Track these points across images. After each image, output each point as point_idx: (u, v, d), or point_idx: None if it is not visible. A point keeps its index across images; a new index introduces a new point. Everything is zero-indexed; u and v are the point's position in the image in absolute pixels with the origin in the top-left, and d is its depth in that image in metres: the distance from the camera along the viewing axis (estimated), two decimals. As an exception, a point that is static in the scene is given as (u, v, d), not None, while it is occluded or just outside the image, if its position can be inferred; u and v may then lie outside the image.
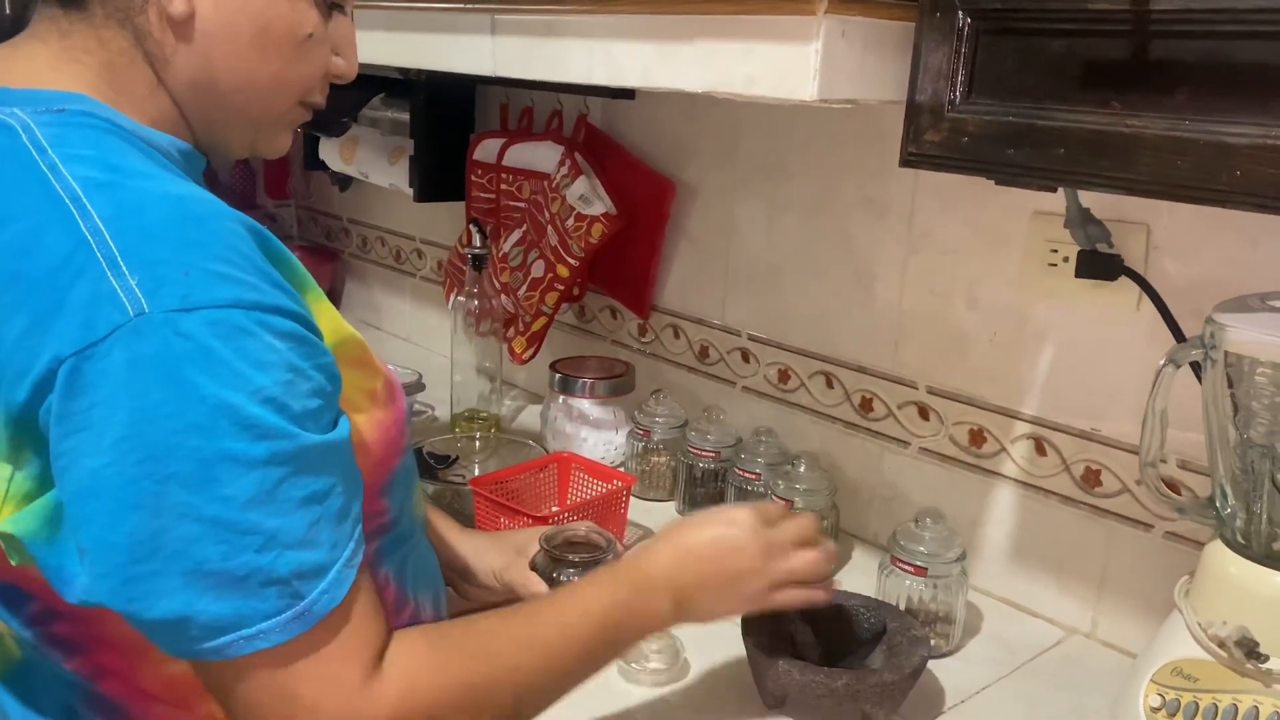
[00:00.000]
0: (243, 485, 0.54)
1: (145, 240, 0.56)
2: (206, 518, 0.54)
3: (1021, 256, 1.05)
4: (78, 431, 0.53)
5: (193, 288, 0.55)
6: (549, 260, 1.45)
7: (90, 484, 0.54)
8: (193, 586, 0.54)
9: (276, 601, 0.56)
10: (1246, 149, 0.58)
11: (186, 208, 0.58)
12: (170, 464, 0.53)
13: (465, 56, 1.02)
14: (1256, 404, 0.77)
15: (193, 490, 0.54)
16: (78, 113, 0.62)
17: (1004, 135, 0.69)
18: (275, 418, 0.55)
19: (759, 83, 0.75)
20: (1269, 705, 0.73)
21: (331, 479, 0.59)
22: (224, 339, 0.55)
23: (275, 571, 0.55)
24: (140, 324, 0.53)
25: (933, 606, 0.98)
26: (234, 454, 0.54)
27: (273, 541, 0.55)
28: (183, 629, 0.55)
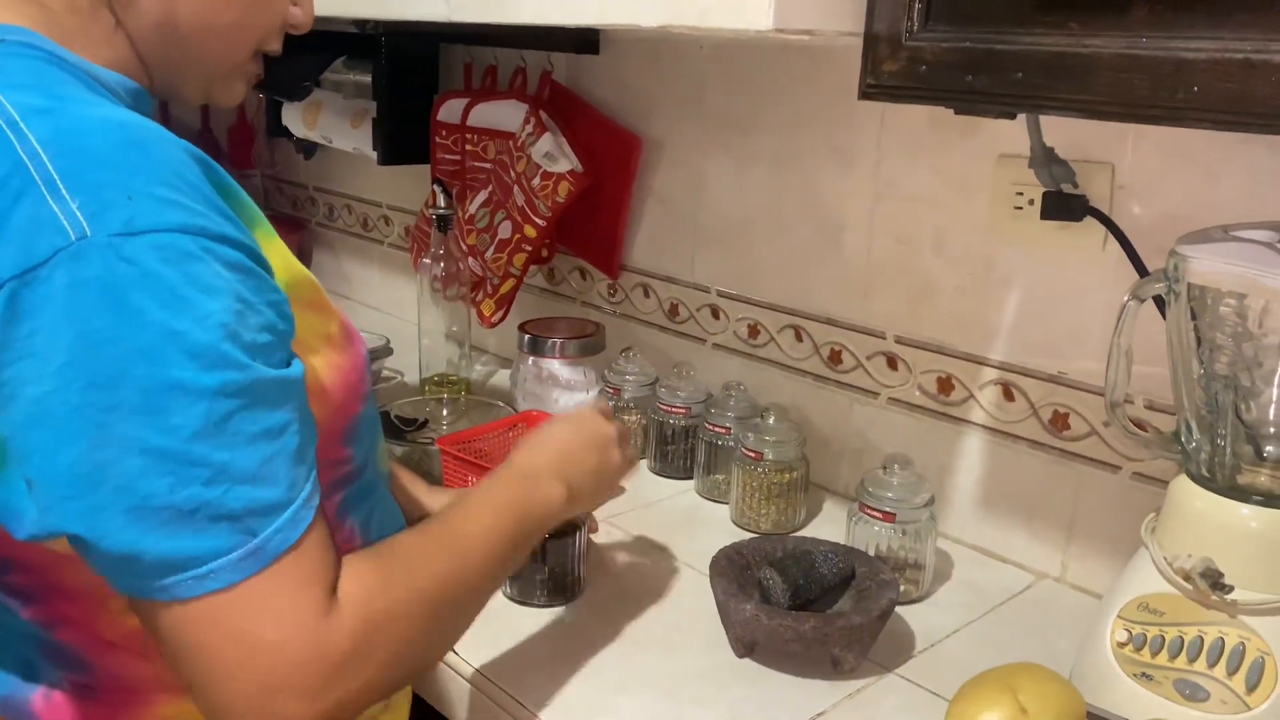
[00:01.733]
0: (191, 416, 0.52)
1: (86, 163, 0.54)
2: (153, 449, 0.52)
3: (988, 201, 1.04)
4: (19, 360, 0.52)
5: (137, 211, 0.53)
6: (516, 221, 1.43)
7: (33, 413, 0.52)
8: (140, 522, 0.52)
9: (229, 538, 0.54)
10: (1203, 64, 0.57)
11: (129, 132, 0.56)
12: (116, 392, 0.51)
13: (420, 4, 1.00)
14: (1219, 335, 0.77)
15: (139, 420, 0.52)
16: (16, 44, 0.61)
17: (962, 62, 0.68)
18: (226, 345, 0.54)
19: (713, 14, 0.74)
20: (1234, 636, 0.73)
21: (287, 416, 0.57)
22: (170, 263, 0.53)
23: (225, 506, 0.53)
24: (82, 247, 0.51)
25: (902, 553, 0.98)
26: (182, 383, 0.52)
27: (222, 475, 0.53)
28: (133, 566, 0.53)
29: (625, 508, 1.16)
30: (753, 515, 1.11)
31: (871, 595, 0.89)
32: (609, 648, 0.90)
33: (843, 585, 0.92)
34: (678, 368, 1.26)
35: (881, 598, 0.87)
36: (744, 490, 1.11)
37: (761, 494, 1.10)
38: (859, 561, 0.94)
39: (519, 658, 0.88)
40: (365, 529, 0.73)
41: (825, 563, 0.93)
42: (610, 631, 0.92)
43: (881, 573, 0.92)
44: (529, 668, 0.87)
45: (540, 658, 0.88)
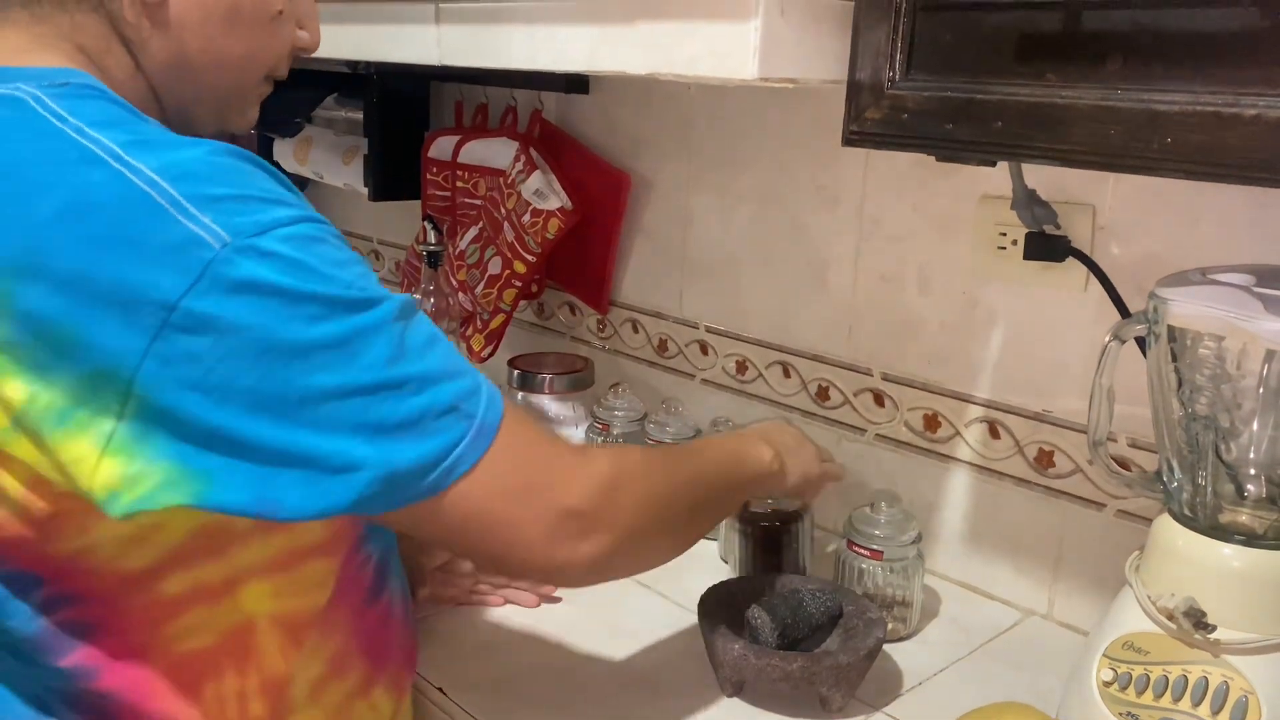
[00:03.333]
0: (378, 348, 0.59)
1: (200, 182, 0.57)
2: (364, 386, 0.58)
3: (971, 241, 1.05)
4: (218, 365, 0.55)
5: (259, 214, 0.58)
6: (506, 256, 1.44)
7: (251, 402, 0.56)
8: (382, 446, 0.58)
9: (456, 426, 0.61)
10: (1176, 115, 0.59)
11: (216, 154, 0.60)
12: (312, 357, 0.57)
13: (411, 47, 1.01)
14: (1199, 377, 0.78)
15: (340, 370, 0.57)
16: (81, 85, 0.63)
17: (943, 110, 0.70)
18: (370, 291, 0.60)
19: (701, 63, 0.75)
20: (1217, 675, 0.74)
21: (431, 323, 0.64)
22: (303, 249, 0.58)
23: (440, 404, 0.60)
24: (228, 254, 0.55)
25: (889, 590, 0.98)
26: (357, 328, 0.58)
27: (424, 382, 0.60)
28: (396, 483, 0.59)
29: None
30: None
31: (859, 634, 0.89)
32: (596, 686, 0.90)
33: (831, 624, 0.93)
34: (666, 403, 1.27)
35: (869, 636, 0.88)
36: (731, 528, 1.11)
37: (750, 531, 1.10)
38: (846, 600, 0.94)
39: (506, 696, 0.88)
40: (383, 561, 0.77)
41: (813, 601, 0.93)
42: (598, 670, 0.92)
43: (869, 611, 0.92)
44: (516, 704, 0.87)
45: (527, 694, 0.88)
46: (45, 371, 0.56)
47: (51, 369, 0.56)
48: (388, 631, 0.78)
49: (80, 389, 0.56)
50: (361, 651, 0.75)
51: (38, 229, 0.56)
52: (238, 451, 0.57)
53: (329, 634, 0.72)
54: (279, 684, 0.69)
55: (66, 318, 0.55)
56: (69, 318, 0.55)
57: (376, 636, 0.77)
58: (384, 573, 0.77)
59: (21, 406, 0.56)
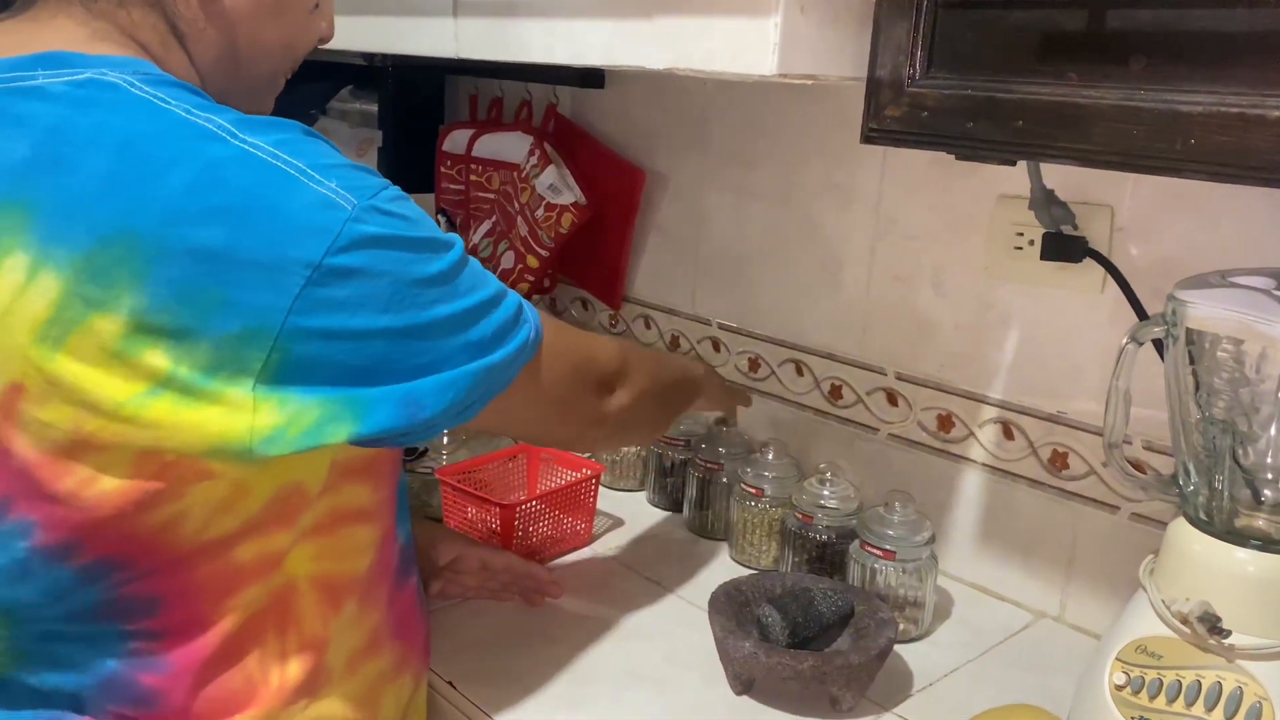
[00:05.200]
0: (466, 280, 0.67)
1: (312, 155, 0.62)
2: (467, 310, 0.67)
3: (987, 240, 1.05)
4: (359, 309, 0.61)
5: (366, 179, 0.63)
6: (519, 251, 1.44)
7: (390, 341, 0.63)
8: (484, 352, 0.68)
9: (519, 332, 0.71)
10: (1199, 116, 0.58)
11: (306, 133, 0.65)
12: (430, 290, 0.64)
13: (429, 39, 1.01)
14: (1217, 380, 0.77)
15: (450, 301, 0.66)
16: (160, 75, 0.64)
17: (963, 109, 0.69)
18: (446, 235, 0.68)
19: (719, 58, 0.75)
20: (1231, 680, 0.73)
21: None
22: (405, 207, 0.65)
23: (509, 314, 0.70)
24: (359, 213, 0.61)
25: (902, 591, 0.98)
26: (453, 262, 0.66)
27: (494, 301, 0.69)
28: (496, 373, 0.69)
29: (623, 540, 1.17)
30: (753, 551, 1.11)
31: (870, 634, 0.89)
32: (606, 682, 0.90)
33: (841, 623, 0.92)
34: None
35: (880, 636, 0.87)
36: (744, 526, 1.11)
37: (762, 530, 1.10)
38: (858, 599, 0.94)
39: (516, 690, 0.88)
40: (407, 543, 0.81)
41: (824, 600, 0.92)
42: (608, 666, 0.92)
43: (880, 611, 0.91)
44: (526, 699, 0.87)
45: (537, 688, 0.88)
46: (189, 334, 0.59)
47: (195, 332, 0.59)
48: (414, 617, 0.81)
49: (225, 348, 0.59)
50: (392, 634, 0.77)
51: (171, 200, 0.58)
52: (382, 377, 0.63)
53: (367, 607, 0.75)
54: (317, 646, 0.71)
55: (211, 282, 0.58)
56: (214, 281, 0.58)
57: (405, 620, 0.79)
58: (408, 559, 0.81)
59: (167, 373, 0.59)
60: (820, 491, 1.05)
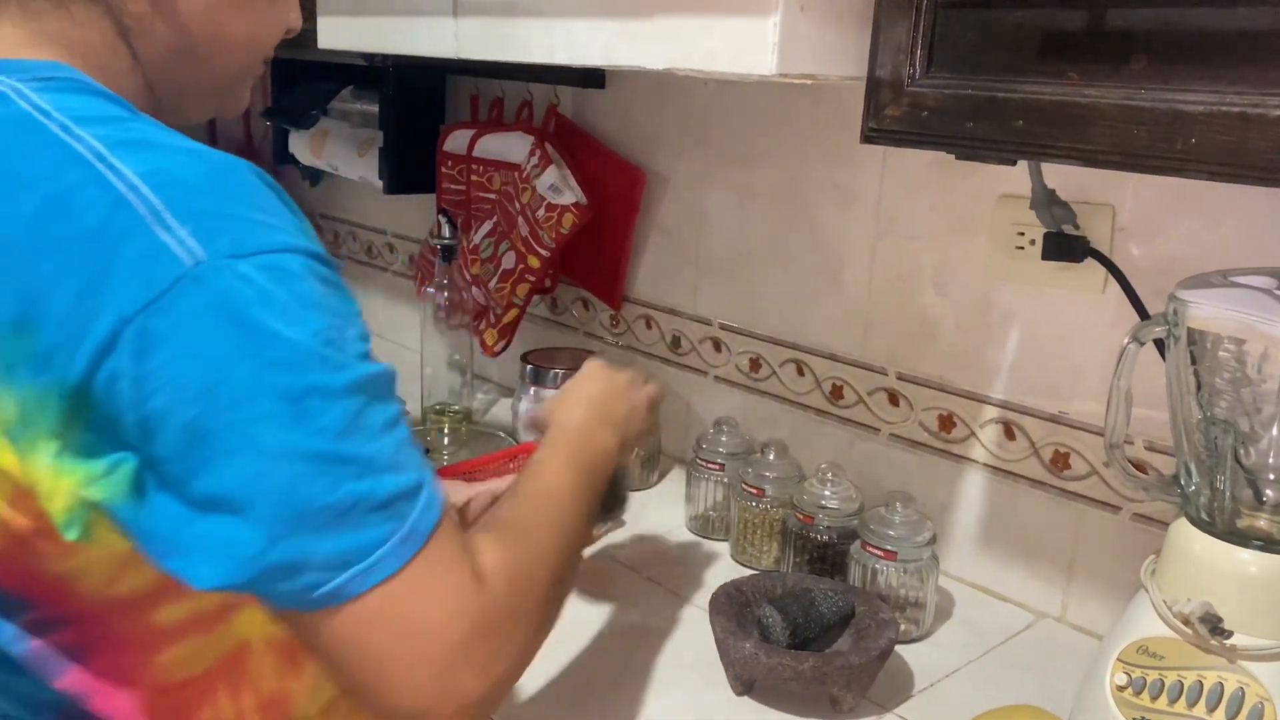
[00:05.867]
0: (333, 415, 0.54)
1: (185, 192, 0.54)
2: (306, 454, 0.53)
3: (988, 240, 1.05)
4: (160, 390, 0.52)
5: (242, 234, 0.54)
6: (520, 251, 1.44)
7: (185, 439, 0.52)
8: (304, 527, 0.53)
9: (385, 526, 0.55)
10: (1201, 116, 0.58)
11: (211, 160, 0.57)
12: (259, 404, 0.52)
13: (429, 39, 1.01)
14: (1219, 380, 0.77)
15: (287, 428, 0.52)
16: (67, 79, 0.60)
17: (964, 108, 0.69)
18: (341, 352, 0.55)
19: (719, 58, 0.74)
20: (1233, 681, 0.73)
21: (397, 406, 0.59)
22: (280, 282, 0.54)
23: (376, 496, 0.54)
24: (200, 271, 0.52)
25: (903, 591, 0.97)
26: (318, 385, 0.53)
27: (369, 467, 0.54)
28: (298, 575, 0.53)
29: (624, 540, 1.16)
30: (754, 552, 1.11)
31: (871, 634, 0.89)
32: (606, 683, 0.90)
33: (842, 624, 0.92)
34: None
35: (881, 637, 0.87)
36: (745, 526, 1.11)
37: (763, 530, 1.10)
38: (859, 600, 0.94)
39: (516, 690, 0.88)
40: None
41: (825, 601, 0.92)
42: (608, 666, 0.92)
43: (881, 611, 0.91)
44: (527, 700, 0.87)
45: (537, 689, 0.88)
46: (11, 377, 0.53)
47: (14, 376, 0.53)
48: None
49: (37, 399, 0.53)
50: None
51: (13, 228, 0.53)
52: (165, 484, 0.53)
53: None
54: (278, 701, 0.66)
55: (28, 322, 0.52)
56: (30, 322, 0.52)
57: None
58: None
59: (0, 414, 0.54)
60: (821, 492, 1.04)
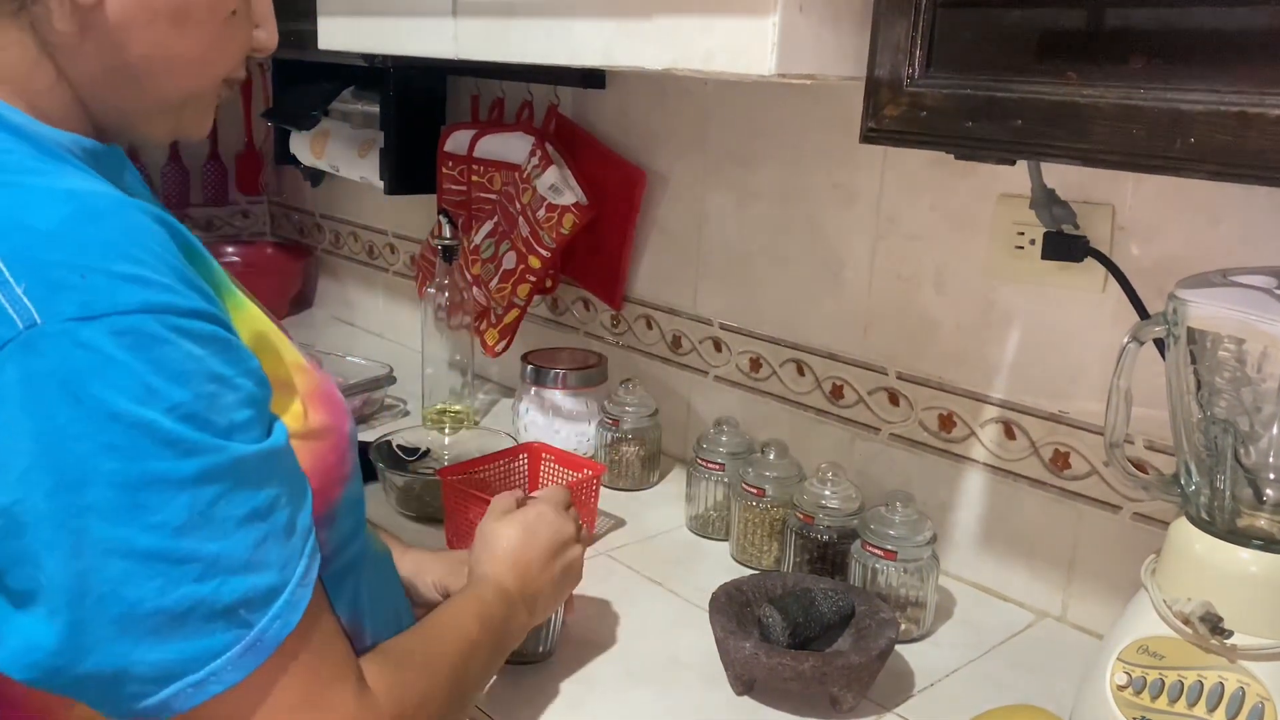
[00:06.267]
0: (174, 509, 0.48)
1: (33, 242, 0.49)
2: (136, 551, 0.48)
3: (988, 240, 1.05)
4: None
5: (93, 292, 0.48)
6: (520, 251, 1.44)
7: (4, 525, 0.47)
8: (128, 633, 0.48)
9: (224, 635, 0.50)
10: (1200, 115, 0.58)
11: (82, 202, 0.52)
12: (88, 492, 0.47)
13: (429, 40, 1.01)
14: (1219, 379, 0.77)
15: (116, 521, 0.47)
16: None
17: (962, 108, 0.69)
18: (201, 432, 0.50)
19: (718, 58, 0.75)
20: (1233, 680, 0.73)
21: (273, 490, 0.53)
22: (133, 350, 0.48)
23: (219, 601, 0.49)
24: (33, 336, 0.47)
25: (903, 591, 0.97)
26: (160, 474, 0.48)
27: (214, 568, 0.49)
28: (118, 685, 0.48)
29: (624, 541, 1.17)
30: (754, 551, 1.11)
31: (871, 634, 0.89)
32: (606, 684, 0.90)
33: (843, 623, 0.92)
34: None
35: (881, 637, 0.87)
36: (745, 527, 1.11)
37: (763, 530, 1.10)
38: (859, 599, 0.94)
39: (515, 690, 0.88)
40: (353, 611, 0.67)
41: (825, 600, 0.92)
42: (608, 667, 0.92)
43: (881, 611, 0.91)
44: (525, 699, 0.87)
45: (536, 689, 0.88)
46: None
47: None
48: None
49: None
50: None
51: None
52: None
53: None
54: None
55: None
56: None
57: None
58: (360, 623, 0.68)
59: None
60: (821, 491, 1.04)
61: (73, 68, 0.60)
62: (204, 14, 0.62)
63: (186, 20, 0.61)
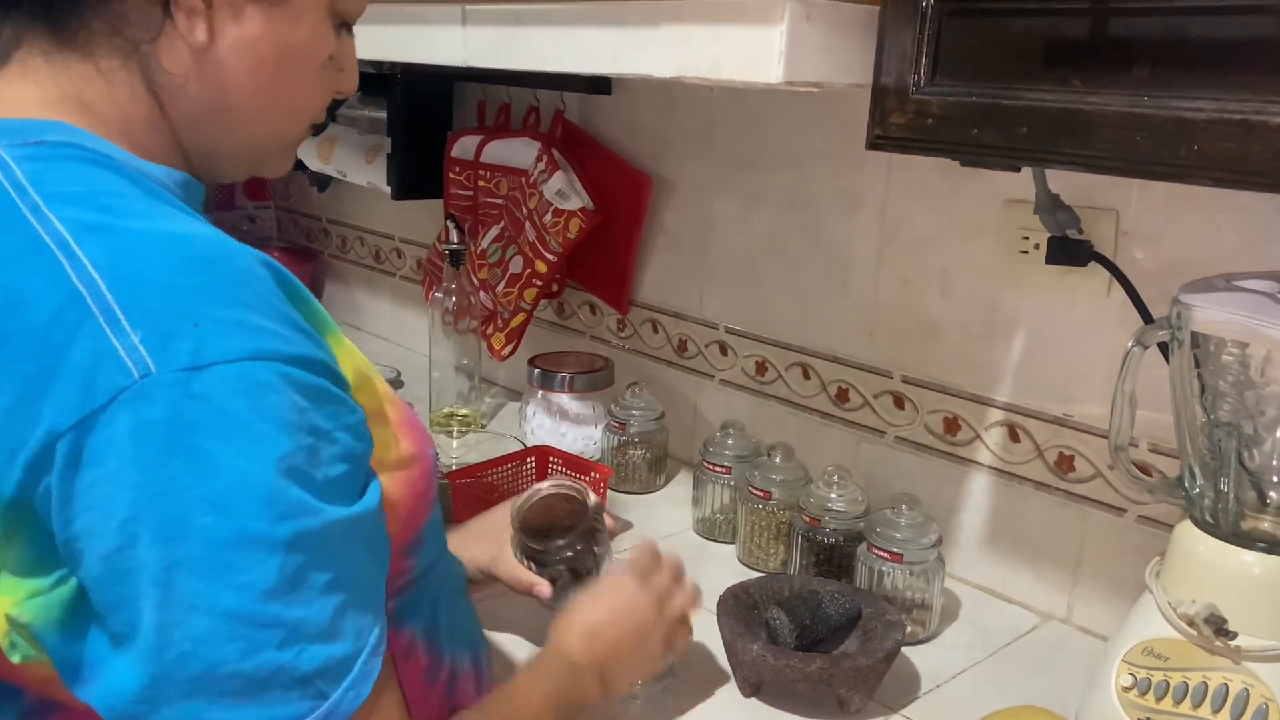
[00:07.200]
0: (263, 571, 0.48)
1: (147, 289, 0.49)
2: (220, 610, 0.47)
3: (993, 244, 1.05)
4: (84, 512, 0.47)
5: (205, 341, 0.49)
6: (527, 256, 1.45)
7: (102, 572, 0.48)
8: (204, 692, 0.47)
9: (299, 704, 0.49)
10: (1204, 123, 0.59)
11: (192, 248, 0.52)
12: (183, 546, 0.47)
13: (439, 48, 1.02)
14: (1222, 383, 0.78)
15: (206, 578, 0.47)
16: (59, 144, 0.56)
17: (968, 116, 0.70)
18: (299, 491, 0.50)
19: (725, 66, 0.75)
20: (1237, 682, 0.74)
21: (360, 557, 0.53)
22: (242, 396, 0.48)
23: (298, 670, 0.49)
24: (146, 386, 0.47)
25: (909, 593, 0.98)
26: (255, 535, 0.48)
27: (296, 635, 0.49)
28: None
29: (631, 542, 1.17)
30: (760, 554, 1.12)
31: (878, 636, 0.89)
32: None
33: (849, 625, 0.93)
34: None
35: (887, 639, 0.88)
36: (751, 529, 1.12)
37: (770, 533, 1.11)
38: (866, 602, 0.94)
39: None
40: (430, 635, 0.69)
41: (832, 603, 0.93)
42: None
43: (887, 613, 0.92)
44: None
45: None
46: None
47: None
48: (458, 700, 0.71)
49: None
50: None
51: None
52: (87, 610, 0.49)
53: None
54: None
55: None
56: None
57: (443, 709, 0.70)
58: (439, 647, 0.69)
59: None
60: (828, 494, 1.05)
61: (174, 107, 0.61)
62: (304, 61, 0.63)
63: (289, 66, 0.63)
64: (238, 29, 0.60)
